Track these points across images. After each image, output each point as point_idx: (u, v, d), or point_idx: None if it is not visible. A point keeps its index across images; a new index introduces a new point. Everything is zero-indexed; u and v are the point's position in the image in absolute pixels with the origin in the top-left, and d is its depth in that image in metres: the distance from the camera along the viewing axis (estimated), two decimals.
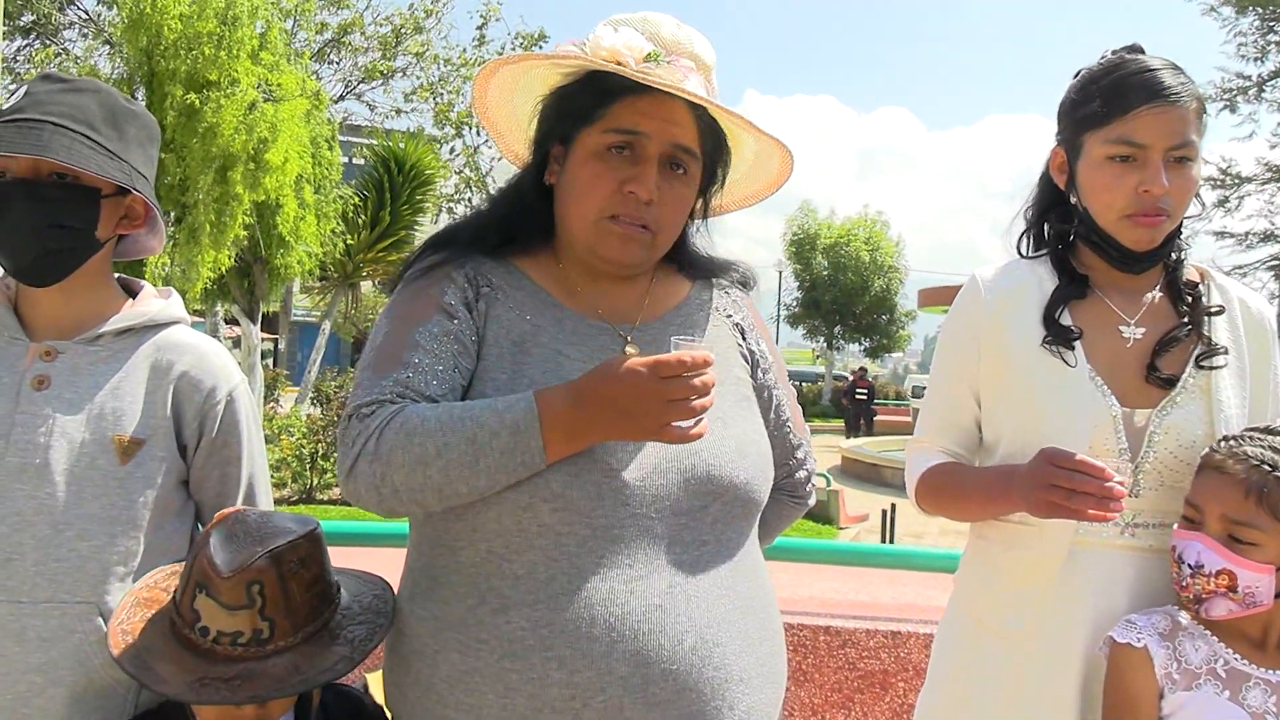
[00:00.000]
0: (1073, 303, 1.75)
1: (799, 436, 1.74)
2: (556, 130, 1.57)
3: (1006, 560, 1.73)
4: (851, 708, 2.69)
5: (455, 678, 1.42)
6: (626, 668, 1.38)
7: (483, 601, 1.42)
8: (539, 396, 1.38)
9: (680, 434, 1.35)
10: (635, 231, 1.53)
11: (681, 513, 1.46)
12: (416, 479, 1.37)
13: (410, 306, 1.54)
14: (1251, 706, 1.53)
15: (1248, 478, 1.52)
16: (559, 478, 1.41)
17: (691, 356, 1.32)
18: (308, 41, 16.08)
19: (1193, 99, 1.67)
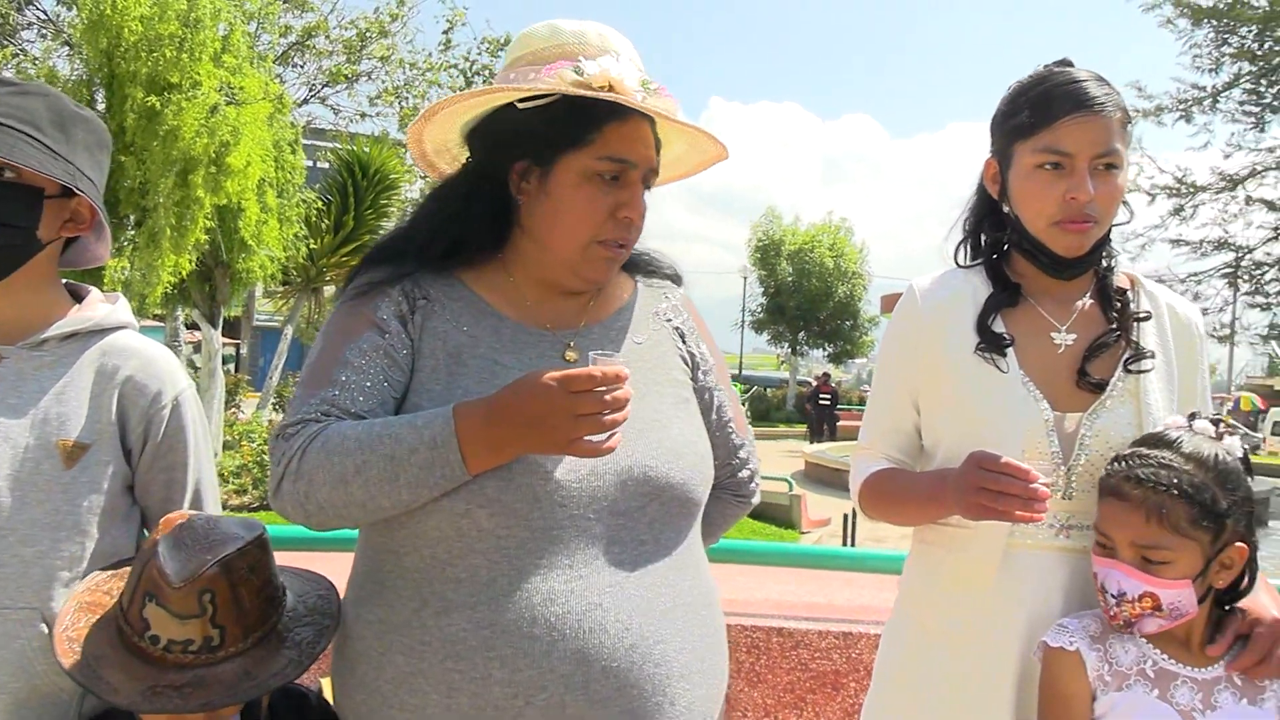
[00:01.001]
0: (1006, 310, 1.80)
1: (741, 436, 1.78)
2: (530, 150, 1.57)
3: (946, 563, 1.78)
4: (804, 708, 2.73)
5: (400, 679, 1.44)
6: (568, 666, 1.41)
7: (425, 605, 1.45)
8: (457, 411, 1.41)
9: (591, 448, 1.38)
10: (618, 253, 1.59)
11: (619, 513, 1.49)
12: (339, 496, 1.41)
13: (344, 323, 1.57)
14: (1180, 704, 1.58)
15: (1145, 501, 1.56)
16: (494, 483, 1.44)
17: (603, 371, 1.35)
18: (271, 45, 15.97)
19: (1117, 109, 1.72)
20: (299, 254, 15.44)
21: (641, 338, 1.67)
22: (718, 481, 1.75)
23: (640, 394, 1.56)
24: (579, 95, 1.50)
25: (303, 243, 15.41)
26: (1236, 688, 1.58)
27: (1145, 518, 1.56)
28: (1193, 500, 1.55)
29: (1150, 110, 23.12)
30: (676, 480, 1.55)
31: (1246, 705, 1.58)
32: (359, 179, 17.93)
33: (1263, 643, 1.59)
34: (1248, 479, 1.62)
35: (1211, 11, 21.30)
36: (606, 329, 1.65)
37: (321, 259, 17.13)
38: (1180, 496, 1.55)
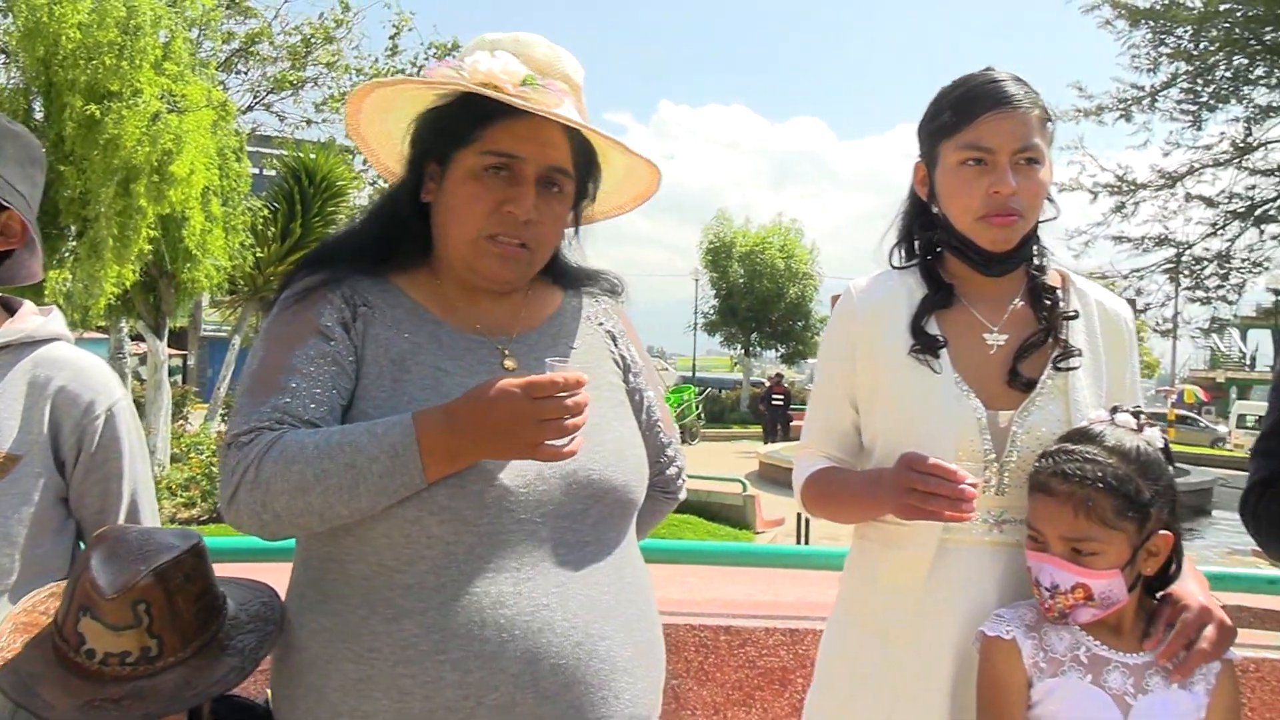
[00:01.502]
0: (940, 312, 1.83)
1: (668, 435, 1.81)
2: (433, 149, 1.61)
3: (884, 559, 1.81)
4: (752, 705, 2.76)
5: (348, 686, 1.44)
6: (517, 665, 1.43)
7: (375, 612, 1.45)
8: (416, 419, 1.41)
9: (554, 452, 1.40)
10: (514, 251, 1.58)
11: (564, 516, 1.51)
12: (297, 505, 1.40)
13: (287, 330, 1.56)
14: (1112, 688, 1.62)
15: (1072, 496, 1.60)
16: (444, 491, 1.45)
17: (564, 377, 1.37)
18: (214, 51, 15.74)
19: (1035, 106, 1.77)
20: (245, 263, 15.27)
21: (576, 343, 1.69)
22: (649, 479, 1.78)
23: None
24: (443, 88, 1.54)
25: (249, 251, 15.24)
26: (1167, 671, 1.63)
27: (1073, 512, 1.60)
28: (1117, 492, 1.59)
29: (1091, 110, 23.49)
30: (619, 482, 1.58)
31: (1176, 689, 1.62)
32: (306, 186, 17.77)
33: (1189, 629, 1.64)
34: (1169, 468, 1.67)
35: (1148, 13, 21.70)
36: (541, 334, 1.66)
37: (269, 267, 16.95)
38: (1105, 489, 1.59)
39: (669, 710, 2.76)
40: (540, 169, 1.57)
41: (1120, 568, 1.61)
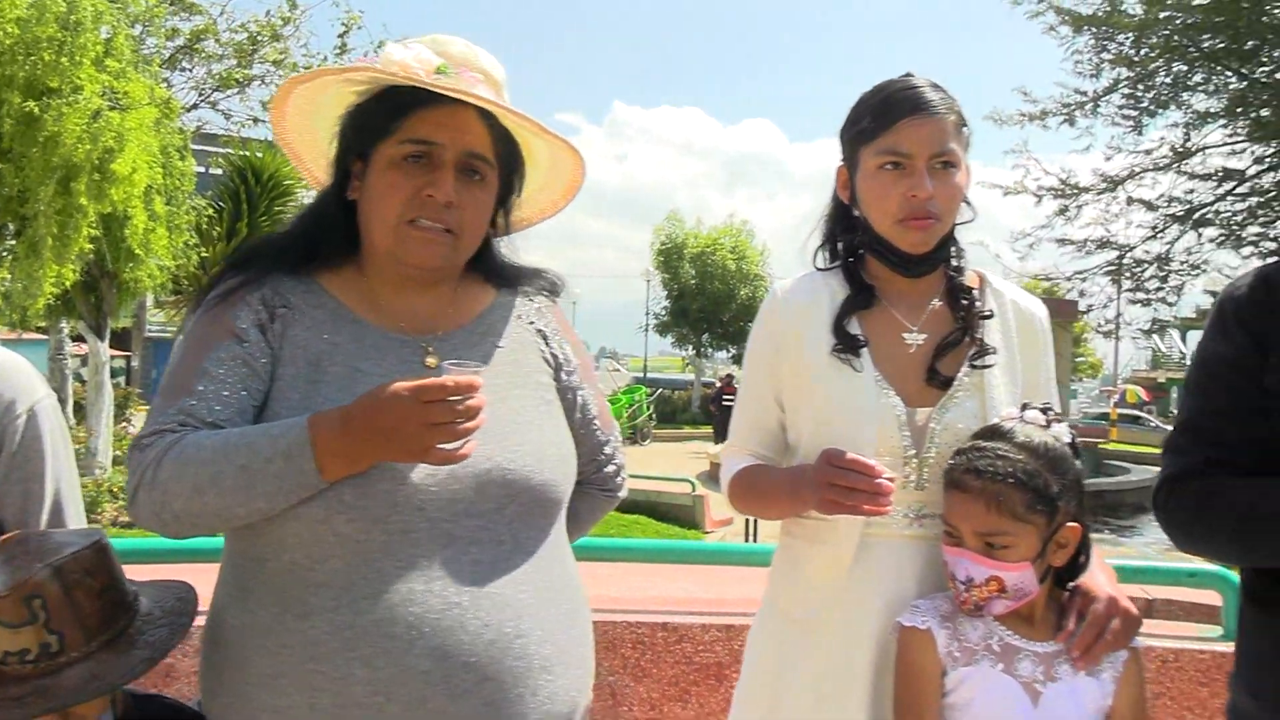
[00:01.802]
0: (861, 312, 1.88)
1: (606, 434, 1.83)
2: (354, 146, 1.64)
3: (808, 554, 1.85)
4: (688, 700, 2.80)
5: (262, 681, 1.47)
6: (427, 662, 1.44)
7: (287, 609, 1.48)
8: (312, 422, 1.43)
9: (443, 456, 1.41)
10: (437, 234, 1.60)
11: (478, 515, 1.53)
12: (194, 506, 1.43)
13: (203, 332, 1.59)
14: (1022, 676, 1.68)
15: (984, 491, 1.65)
16: (351, 490, 1.46)
17: (454, 381, 1.38)
18: (157, 48, 15.50)
19: (951, 113, 1.82)
20: (190, 263, 15.06)
21: (504, 341, 1.70)
22: (585, 478, 1.81)
23: (501, 396, 1.60)
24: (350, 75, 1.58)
25: (194, 251, 15.03)
26: (1074, 657, 1.68)
27: (985, 507, 1.65)
28: (1027, 487, 1.65)
29: (1036, 114, 23.83)
30: (536, 481, 1.59)
31: (1084, 676, 1.68)
32: (252, 185, 17.59)
33: (1098, 620, 1.70)
34: (1076, 463, 1.73)
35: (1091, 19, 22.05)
36: (468, 333, 1.68)
37: (214, 267, 16.66)
38: (1015, 485, 1.64)
39: (606, 707, 2.79)
40: (458, 154, 1.59)
41: (1031, 560, 1.66)
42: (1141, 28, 20.79)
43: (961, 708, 1.69)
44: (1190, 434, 1.84)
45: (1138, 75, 22.00)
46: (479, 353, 1.66)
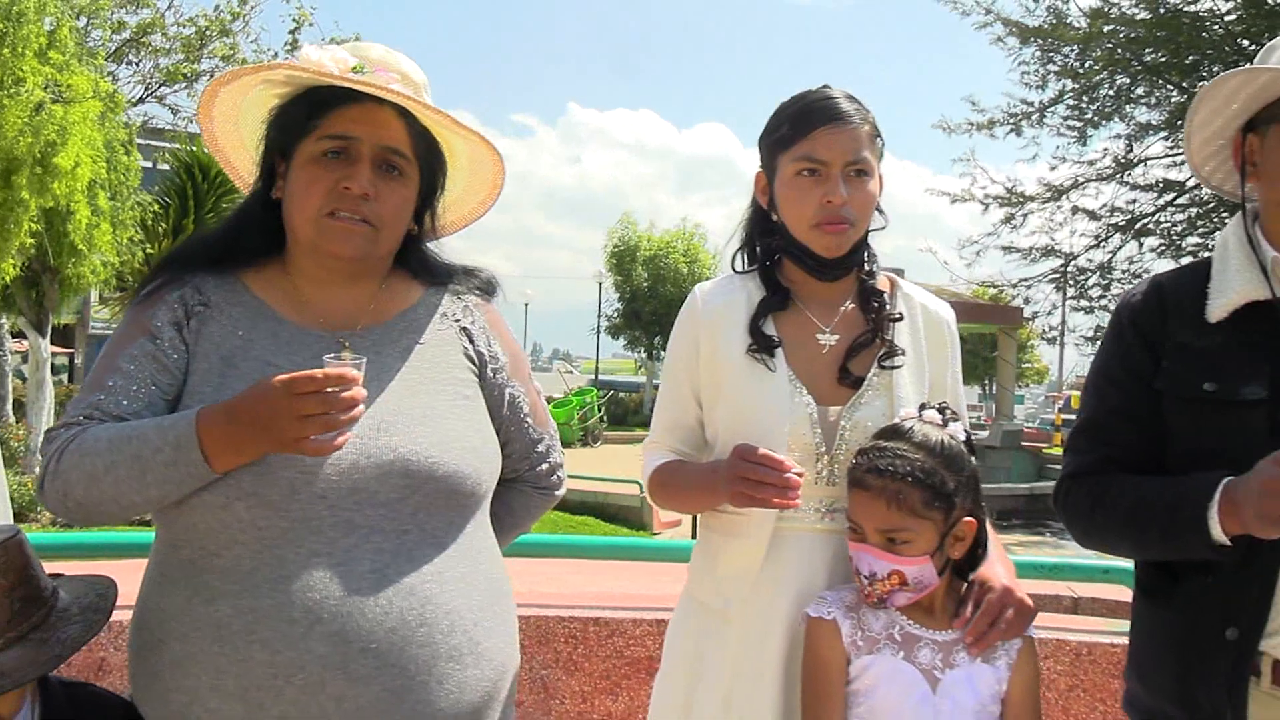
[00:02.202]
0: (776, 313, 1.95)
1: (540, 431, 1.87)
2: (277, 145, 1.69)
3: (724, 547, 1.92)
4: (619, 694, 2.86)
5: (175, 663, 1.52)
6: (325, 647, 1.49)
7: (196, 594, 1.53)
8: (200, 414, 1.49)
9: (316, 447, 1.45)
10: (356, 225, 1.64)
11: (380, 504, 1.57)
12: (93, 493, 1.50)
13: (123, 331, 1.65)
14: (922, 664, 1.76)
15: (885, 490, 1.73)
16: (249, 477, 1.52)
17: (325, 374, 1.43)
18: (103, 41, 15.30)
19: (865, 123, 1.90)
20: (135, 259, 14.87)
21: (424, 338, 1.75)
22: (518, 475, 1.86)
23: (413, 390, 1.66)
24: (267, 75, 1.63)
25: (139, 247, 14.85)
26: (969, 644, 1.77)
27: (886, 505, 1.73)
28: (924, 485, 1.72)
29: (984, 123, 24.11)
30: (440, 472, 1.62)
31: (980, 663, 1.77)
32: (199, 181, 17.38)
33: (992, 610, 1.78)
34: (971, 460, 1.82)
35: (1037, 31, 22.39)
36: (387, 329, 1.72)
37: None
38: (914, 483, 1.72)
39: (538, 700, 2.84)
40: (375, 149, 1.65)
41: (930, 554, 1.74)
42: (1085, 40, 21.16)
43: (865, 694, 1.76)
44: (1088, 434, 1.93)
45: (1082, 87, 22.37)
46: (397, 348, 1.70)
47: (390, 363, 1.68)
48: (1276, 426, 1.69)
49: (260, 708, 1.48)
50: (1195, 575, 1.74)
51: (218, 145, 1.78)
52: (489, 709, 1.66)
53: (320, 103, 1.64)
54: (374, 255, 1.70)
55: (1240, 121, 1.82)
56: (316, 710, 1.49)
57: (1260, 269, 1.77)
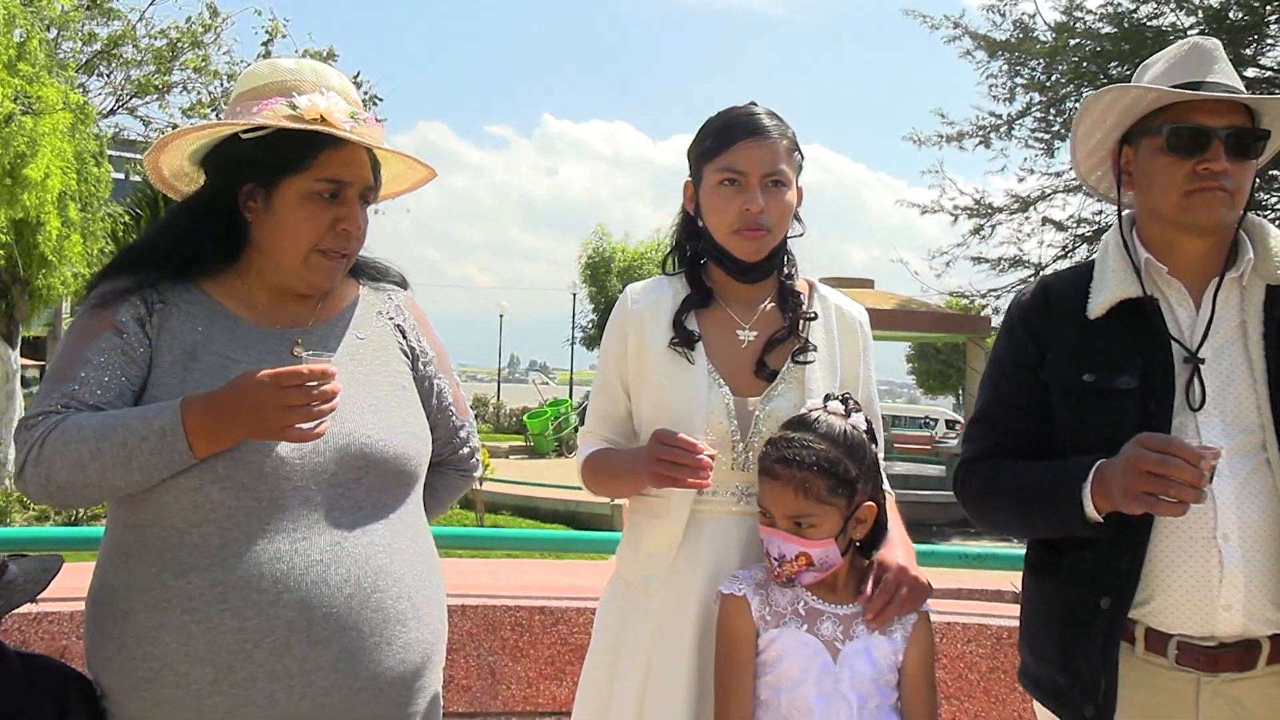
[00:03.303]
0: (700, 311, 2.10)
1: (461, 419, 2.04)
2: (254, 175, 1.77)
3: (646, 528, 2.06)
4: (564, 679, 2.99)
5: (142, 633, 1.64)
6: (291, 613, 1.64)
7: (165, 568, 1.65)
8: (183, 404, 1.62)
9: (300, 434, 1.61)
10: (340, 262, 1.82)
11: (338, 484, 1.72)
12: (77, 478, 1.61)
13: (86, 326, 1.76)
14: (824, 636, 1.90)
15: (792, 479, 1.86)
16: (223, 462, 1.65)
17: (309, 369, 1.58)
18: (73, 52, 15.32)
19: (784, 138, 2.05)
20: None
21: (364, 334, 1.90)
22: (442, 459, 2.02)
23: (360, 382, 1.81)
24: (293, 128, 1.72)
25: (110, 259, 14.82)
26: (868, 620, 1.91)
27: (794, 493, 1.86)
28: (829, 473, 1.86)
29: (953, 135, 24.35)
30: (390, 454, 1.79)
31: (878, 635, 1.91)
32: None
33: (889, 587, 1.93)
34: (872, 448, 1.96)
35: (1004, 45, 22.63)
36: (332, 326, 1.87)
37: None
38: (819, 472, 1.86)
39: (485, 685, 2.97)
40: (360, 189, 1.81)
41: (834, 536, 1.88)
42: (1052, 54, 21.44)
43: (772, 664, 1.90)
44: (983, 423, 2.09)
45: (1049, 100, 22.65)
46: (343, 344, 1.85)
47: (337, 357, 1.81)
48: (1146, 413, 1.85)
49: (230, 670, 1.62)
50: (1075, 551, 1.89)
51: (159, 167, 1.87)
52: (427, 669, 1.82)
53: (313, 143, 1.75)
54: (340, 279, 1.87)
55: (1117, 134, 1.99)
56: (282, 671, 1.63)
57: (1134, 270, 1.93)
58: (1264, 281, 1.90)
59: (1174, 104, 1.88)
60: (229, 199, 1.80)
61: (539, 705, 2.98)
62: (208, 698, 1.62)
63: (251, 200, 1.80)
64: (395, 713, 1.76)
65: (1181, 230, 1.90)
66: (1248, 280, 1.91)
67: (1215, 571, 1.78)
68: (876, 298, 24.03)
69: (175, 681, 1.62)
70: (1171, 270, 1.92)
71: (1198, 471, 1.62)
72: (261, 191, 1.78)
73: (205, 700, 1.62)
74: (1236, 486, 1.80)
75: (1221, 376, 1.86)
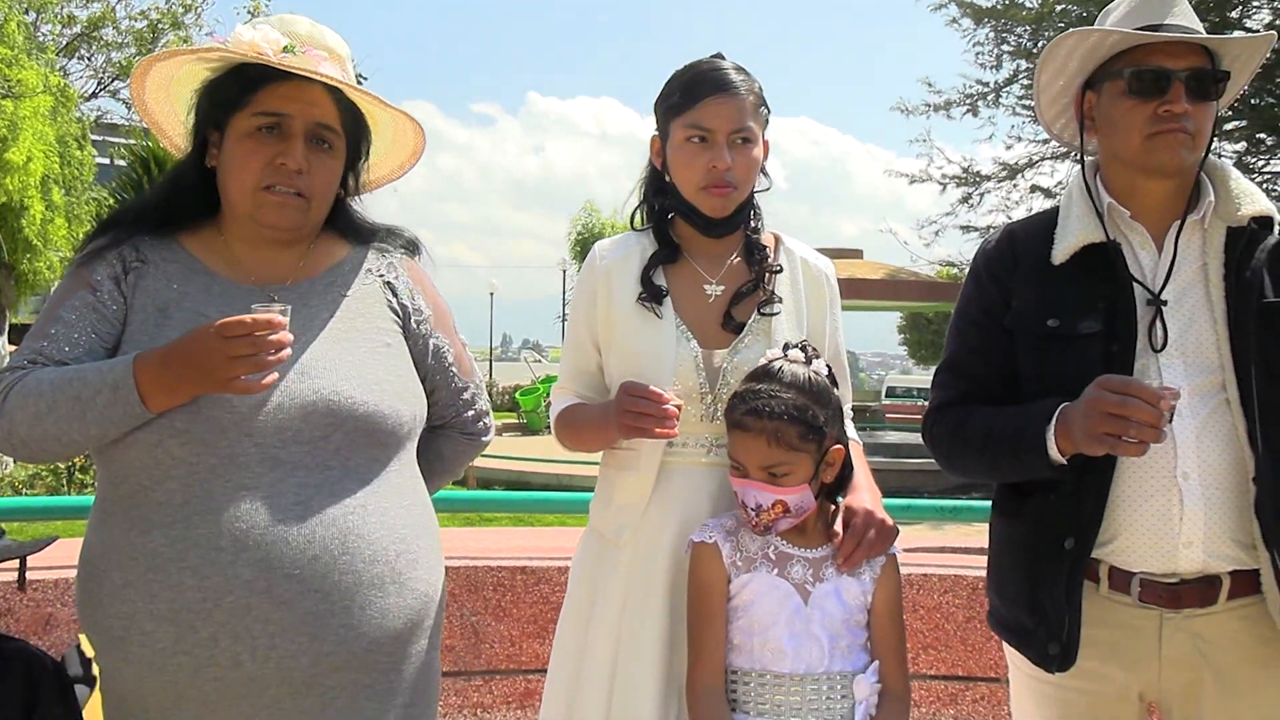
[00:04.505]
0: (667, 266, 2.11)
1: (465, 381, 2.01)
2: (210, 118, 1.80)
3: (618, 480, 2.08)
4: (545, 637, 3.01)
5: (114, 591, 1.65)
6: (251, 573, 1.62)
7: (133, 526, 1.66)
8: (137, 359, 1.62)
9: (245, 386, 1.59)
10: (290, 199, 1.78)
11: (304, 441, 1.70)
12: (36, 431, 1.63)
13: (65, 285, 1.78)
14: (794, 579, 1.93)
15: (764, 430, 1.87)
16: (182, 416, 1.65)
17: (254, 318, 1.56)
18: (53, 35, 15.22)
19: (750, 94, 2.06)
20: None
21: (349, 291, 1.88)
22: (446, 421, 2.01)
23: (337, 338, 1.79)
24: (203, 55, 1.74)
25: None
26: (838, 563, 1.94)
27: (766, 443, 1.88)
28: (799, 420, 1.88)
29: (940, 104, 24.29)
30: (360, 411, 1.75)
31: (847, 577, 1.94)
32: (155, 176, 17.25)
33: (858, 531, 1.95)
34: (835, 392, 1.98)
35: (990, 11, 22.54)
36: (314, 283, 1.85)
37: None
38: (790, 420, 1.88)
39: (469, 644, 3.00)
40: (307, 125, 1.78)
41: (807, 481, 1.91)
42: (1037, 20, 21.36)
43: (744, 609, 1.93)
44: (951, 371, 2.11)
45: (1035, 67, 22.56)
46: (323, 300, 1.83)
47: (316, 314, 1.80)
48: (1110, 356, 1.87)
49: (192, 629, 1.61)
50: (1040, 493, 1.92)
51: (148, 110, 1.89)
52: (414, 635, 1.79)
53: (252, 79, 1.75)
54: (306, 225, 1.84)
55: (1080, 80, 2.00)
56: (244, 631, 1.62)
57: (1097, 215, 1.95)
58: (1224, 223, 1.92)
59: (1134, 47, 1.89)
60: (200, 151, 1.82)
61: (522, 663, 3.02)
62: (172, 657, 1.62)
63: (214, 147, 1.81)
64: (375, 679, 1.73)
65: (1144, 173, 1.92)
66: (1209, 223, 1.93)
67: (1176, 510, 1.81)
68: (867, 268, 24.05)
69: (142, 640, 1.63)
70: (1134, 214, 1.94)
71: (1157, 412, 1.64)
72: (217, 135, 1.80)
73: (170, 659, 1.62)
74: (1197, 426, 1.83)
75: (1183, 318, 1.89)
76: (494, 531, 4.01)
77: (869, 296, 23.08)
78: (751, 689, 1.91)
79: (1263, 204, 1.90)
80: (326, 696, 1.68)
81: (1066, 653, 1.85)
